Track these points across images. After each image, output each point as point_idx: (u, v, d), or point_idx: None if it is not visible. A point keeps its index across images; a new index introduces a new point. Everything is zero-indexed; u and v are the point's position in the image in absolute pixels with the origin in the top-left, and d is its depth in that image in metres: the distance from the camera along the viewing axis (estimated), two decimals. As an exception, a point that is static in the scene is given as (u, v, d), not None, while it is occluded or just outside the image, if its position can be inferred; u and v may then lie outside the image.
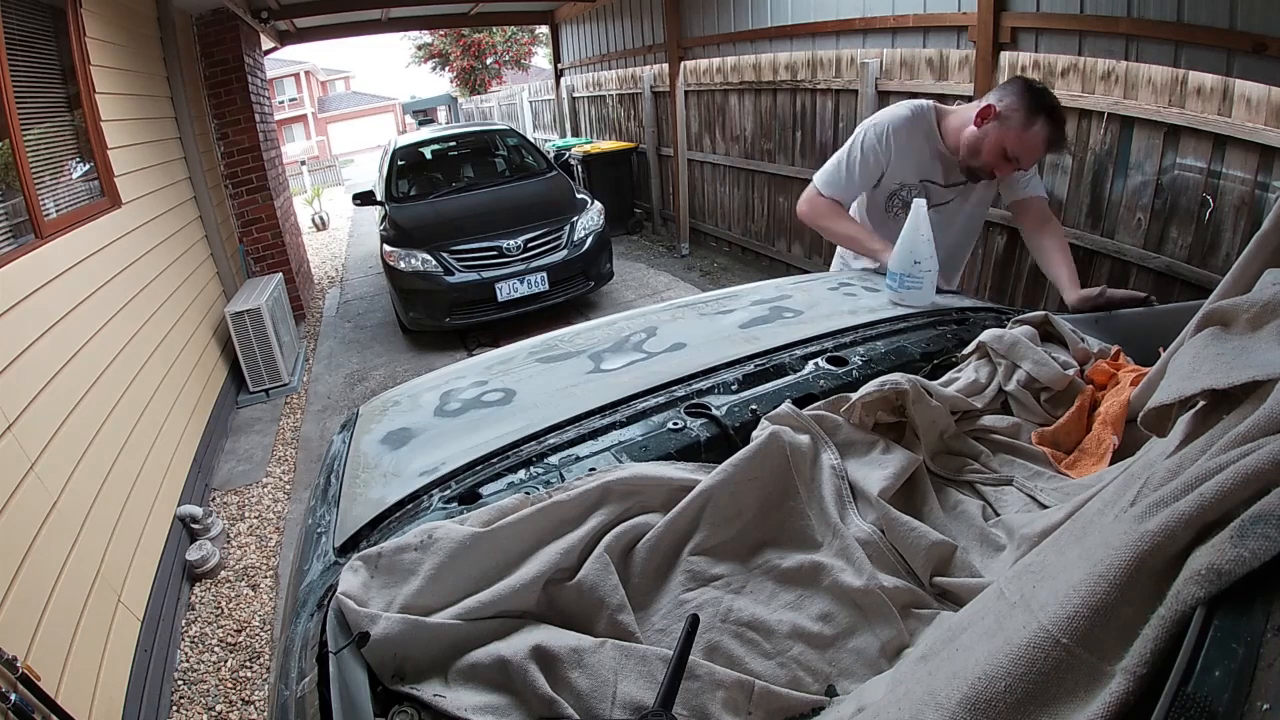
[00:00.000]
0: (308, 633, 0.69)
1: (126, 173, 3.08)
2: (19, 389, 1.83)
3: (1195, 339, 0.57)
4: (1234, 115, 2.26)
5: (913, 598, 0.71)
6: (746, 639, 0.68)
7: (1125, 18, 2.44)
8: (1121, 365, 0.96)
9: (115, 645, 1.90)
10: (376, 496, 0.88)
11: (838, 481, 0.81)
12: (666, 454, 0.88)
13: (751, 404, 0.96)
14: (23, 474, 1.72)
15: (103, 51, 3.02)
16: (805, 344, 1.15)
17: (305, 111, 26.77)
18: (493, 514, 0.75)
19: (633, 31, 6.71)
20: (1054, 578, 0.47)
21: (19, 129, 2.20)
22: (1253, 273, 0.60)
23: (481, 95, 17.11)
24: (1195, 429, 0.52)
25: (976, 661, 0.44)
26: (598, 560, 0.71)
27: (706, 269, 5.73)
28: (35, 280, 2.07)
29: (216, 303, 4.07)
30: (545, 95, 10.16)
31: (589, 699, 0.60)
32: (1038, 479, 0.85)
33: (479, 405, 1.08)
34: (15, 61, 2.28)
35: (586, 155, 6.69)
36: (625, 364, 1.15)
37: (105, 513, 2.10)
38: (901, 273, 1.34)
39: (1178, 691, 0.36)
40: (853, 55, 4.03)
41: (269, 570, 2.58)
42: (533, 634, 0.65)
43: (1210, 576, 0.37)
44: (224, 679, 2.09)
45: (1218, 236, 2.41)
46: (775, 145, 4.98)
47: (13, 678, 1.36)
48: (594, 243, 4.69)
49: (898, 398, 0.88)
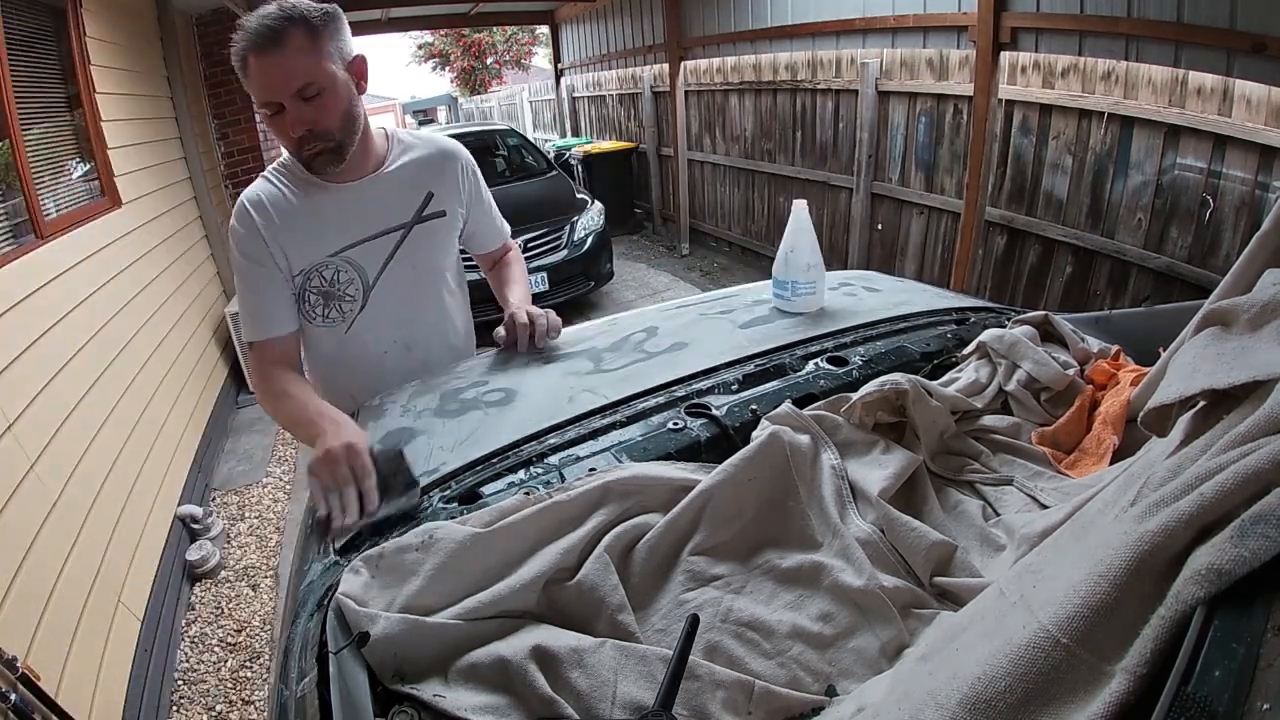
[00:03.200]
0: (308, 633, 0.69)
1: (127, 173, 3.08)
2: (19, 389, 1.83)
3: (1195, 339, 0.57)
4: (1234, 115, 2.26)
5: (913, 598, 0.71)
6: (746, 639, 0.68)
7: (1125, 18, 2.44)
8: (1121, 365, 0.96)
9: (115, 645, 1.90)
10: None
11: (838, 481, 0.81)
12: (666, 454, 0.88)
13: (751, 404, 0.96)
14: (23, 474, 1.72)
15: (103, 51, 3.02)
16: (805, 344, 1.15)
17: (305, 111, 26.72)
18: (493, 514, 0.75)
19: (633, 31, 6.71)
20: (1054, 578, 0.47)
21: (19, 129, 2.20)
22: (1253, 273, 0.60)
23: (482, 95, 17.11)
24: (1195, 429, 0.52)
25: (976, 661, 0.44)
26: (598, 560, 0.71)
27: (706, 269, 5.73)
28: (35, 280, 2.07)
29: (217, 303, 4.08)
30: (545, 95, 10.16)
31: (589, 699, 0.60)
32: (1038, 479, 0.85)
33: (479, 405, 1.08)
34: (15, 61, 2.28)
35: (587, 155, 6.69)
36: (625, 364, 1.15)
37: (105, 512, 2.10)
38: (794, 280, 1.24)
39: (1178, 691, 0.36)
40: (853, 55, 4.04)
41: (269, 570, 2.58)
42: (533, 634, 0.65)
43: (1210, 576, 0.37)
44: (224, 679, 2.09)
45: (1218, 236, 2.41)
46: (775, 145, 4.98)
47: (13, 678, 1.36)
48: (594, 242, 4.69)
49: (898, 398, 0.88)
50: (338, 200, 1.15)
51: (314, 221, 1.15)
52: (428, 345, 1.30)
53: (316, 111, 1.05)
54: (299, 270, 1.16)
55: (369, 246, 1.18)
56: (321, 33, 1.03)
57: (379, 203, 1.18)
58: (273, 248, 1.13)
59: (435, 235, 1.24)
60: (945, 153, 3.58)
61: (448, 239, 1.28)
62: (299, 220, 1.14)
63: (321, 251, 1.16)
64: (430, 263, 1.25)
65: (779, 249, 1.26)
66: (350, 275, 1.18)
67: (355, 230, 1.17)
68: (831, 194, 4.51)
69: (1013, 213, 3.25)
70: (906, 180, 3.89)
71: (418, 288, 1.25)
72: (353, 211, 1.16)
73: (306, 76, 1.02)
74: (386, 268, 1.20)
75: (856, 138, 4.09)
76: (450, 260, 1.31)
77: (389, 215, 1.19)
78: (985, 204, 3.28)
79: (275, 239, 1.13)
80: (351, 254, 1.17)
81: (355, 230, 1.17)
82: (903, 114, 3.79)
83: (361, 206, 1.17)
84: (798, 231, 1.23)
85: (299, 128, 1.04)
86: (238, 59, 1.02)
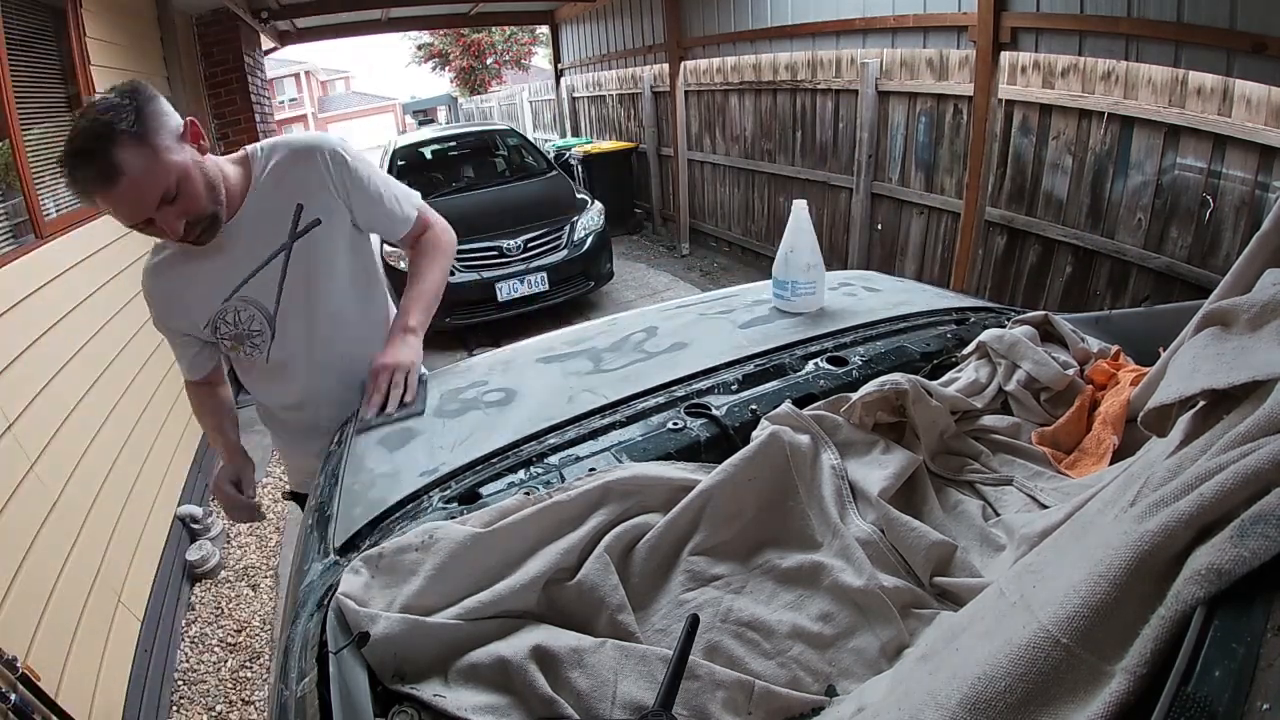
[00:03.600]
0: (308, 633, 0.69)
1: (127, 173, 3.07)
2: (19, 389, 1.83)
3: (1195, 339, 0.57)
4: (1234, 115, 2.26)
5: (913, 598, 0.71)
6: (746, 639, 0.68)
7: (1125, 18, 2.44)
8: (1121, 365, 0.96)
9: (115, 645, 1.90)
10: (376, 496, 0.88)
11: (838, 481, 0.81)
12: (666, 454, 0.88)
13: (751, 404, 0.96)
14: (23, 474, 1.72)
15: (103, 51, 3.02)
16: (805, 344, 1.15)
17: (305, 111, 26.77)
18: (493, 514, 0.75)
19: (633, 31, 6.71)
20: (1054, 578, 0.47)
21: (19, 129, 2.20)
22: (1253, 273, 0.60)
23: (481, 95, 17.11)
24: (1195, 429, 0.52)
25: (976, 661, 0.44)
26: (598, 560, 0.71)
27: (706, 269, 5.73)
28: (35, 280, 2.07)
29: (216, 303, 4.07)
30: (545, 95, 10.16)
31: (589, 699, 0.60)
32: (1038, 479, 0.85)
33: (479, 405, 1.08)
34: (15, 61, 2.28)
35: (586, 155, 6.69)
36: (625, 364, 1.15)
37: (105, 512, 2.10)
38: (794, 280, 1.24)
39: (1178, 691, 0.36)
40: (853, 55, 4.04)
41: (269, 570, 2.58)
42: (533, 634, 0.65)
43: (1210, 576, 0.37)
44: (224, 679, 2.09)
45: (1218, 236, 2.41)
46: (775, 145, 4.98)
47: (13, 678, 1.36)
48: (594, 243, 4.69)
49: (898, 398, 0.88)
50: (215, 248, 1.13)
51: (199, 278, 1.16)
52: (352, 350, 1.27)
53: (184, 204, 1.03)
54: (204, 323, 1.19)
55: (257, 280, 1.17)
56: (145, 135, 0.97)
57: (252, 234, 1.15)
58: (171, 321, 1.21)
59: (319, 245, 1.19)
60: (945, 153, 3.58)
61: (335, 244, 1.21)
62: (186, 285, 1.16)
63: (216, 300, 1.17)
64: (327, 271, 1.21)
65: (779, 249, 1.26)
66: (251, 312, 1.19)
67: (241, 269, 1.16)
68: (831, 194, 4.51)
69: (1013, 213, 3.25)
70: (906, 180, 3.89)
71: (323, 300, 1.22)
72: (231, 253, 1.15)
73: (158, 188, 0.99)
74: (282, 292, 1.19)
75: (856, 138, 4.09)
76: (349, 261, 1.24)
77: (266, 243, 1.16)
78: (985, 204, 3.28)
79: (171, 311, 1.20)
80: (244, 291, 1.18)
81: (241, 269, 1.16)
82: (903, 114, 3.79)
83: (237, 245, 1.15)
84: (798, 231, 1.23)
85: (176, 224, 1.03)
86: (84, 199, 0.98)
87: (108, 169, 0.94)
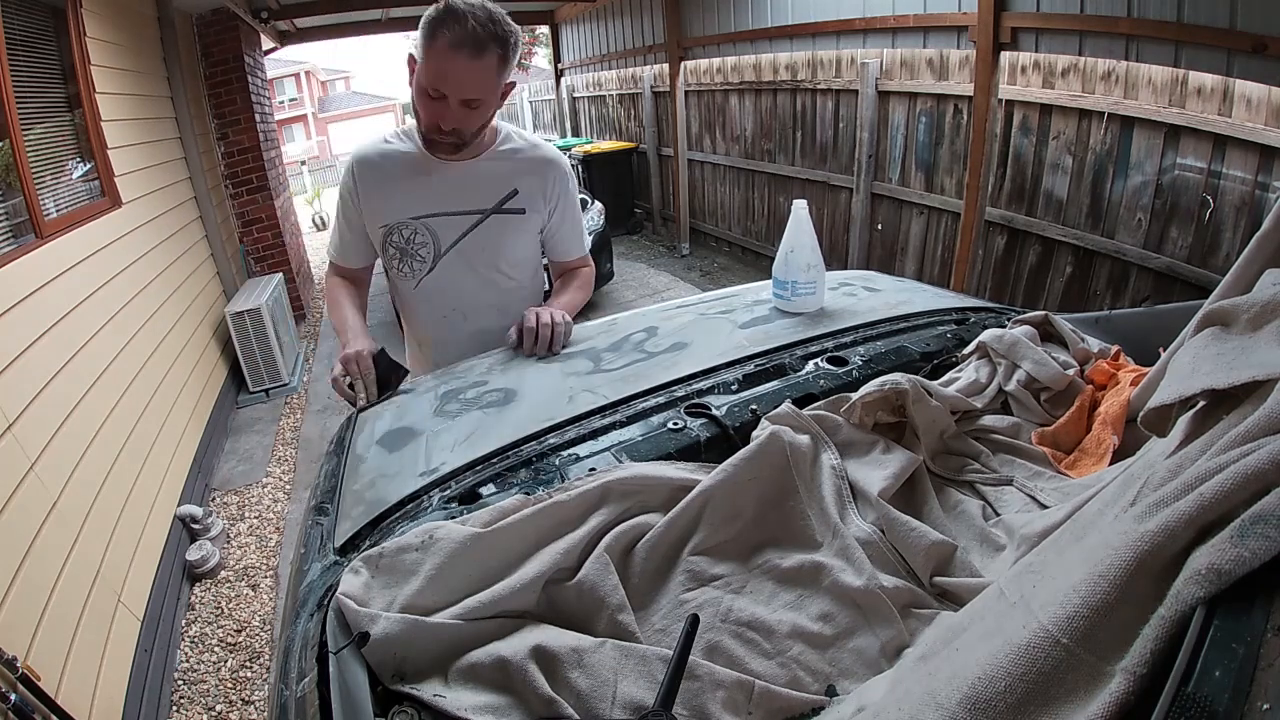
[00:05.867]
0: (308, 633, 0.69)
1: (127, 173, 3.08)
2: (19, 389, 1.83)
3: (1195, 339, 0.57)
4: (1234, 115, 2.26)
5: (913, 598, 0.71)
6: (746, 639, 0.68)
7: (1125, 18, 2.44)
8: (1121, 365, 0.96)
9: (115, 645, 1.90)
10: (376, 496, 0.88)
11: (838, 481, 0.81)
12: (666, 454, 0.88)
13: (751, 404, 0.96)
14: (23, 474, 1.73)
15: (103, 51, 3.02)
16: (805, 344, 1.15)
17: (305, 111, 26.75)
18: (493, 514, 0.75)
19: (633, 31, 6.71)
20: (1054, 578, 0.47)
21: (19, 129, 2.20)
22: (1253, 273, 0.60)
23: (482, 95, 17.07)
24: (1195, 429, 0.52)
25: (976, 661, 0.44)
26: (598, 560, 0.71)
27: (706, 269, 5.74)
28: (36, 280, 2.07)
29: (217, 303, 4.08)
30: (545, 95, 10.16)
31: (589, 699, 0.60)
32: (1038, 479, 0.85)
33: (479, 405, 1.08)
34: (15, 61, 2.28)
35: (586, 155, 6.69)
36: (625, 364, 1.15)
37: (105, 512, 2.10)
38: (794, 280, 1.24)
39: (1178, 691, 0.36)
40: (853, 55, 4.04)
41: (269, 570, 2.58)
42: (533, 634, 0.65)
43: (1210, 576, 0.37)
44: (224, 679, 2.09)
45: (1218, 236, 2.41)
46: (775, 145, 4.98)
47: (13, 678, 1.36)
48: (594, 243, 4.69)
49: (898, 398, 0.88)
50: (434, 172, 1.28)
51: (407, 186, 1.29)
52: (482, 320, 1.40)
53: (470, 118, 1.17)
54: (383, 224, 1.32)
55: (448, 220, 1.31)
56: (509, 60, 1.14)
57: (468, 185, 1.30)
58: (361, 202, 1.31)
59: (508, 228, 1.34)
60: (945, 153, 3.58)
61: (520, 235, 1.36)
62: (394, 184, 1.30)
63: (405, 213, 1.30)
64: (498, 250, 1.35)
65: (779, 249, 1.26)
66: (425, 239, 1.32)
67: (441, 202, 1.30)
68: (831, 194, 4.51)
69: (1013, 213, 3.25)
70: (906, 180, 3.89)
71: (481, 268, 1.36)
72: (443, 186, 1.29)
73: (481, 92, 1.14)
74: (458, 243, 1.32)
75: (857, 138, 4.10)
76: (518, 255, 1.39)
77: (473, 198, 1.31)
78: (985, 204, 3.28)
79: (366, 195, 1.31)
80: (431, 222, 1.31)
81: (441, 202, 1.30)
82: (903, 114, 3.79)
83: (452, 184, 1.29)
84: (798, 231, 1.22)
85: (448, 122, 1.16)
86: (429, 33, 1.09)
87: (480, 46, 1.08)
